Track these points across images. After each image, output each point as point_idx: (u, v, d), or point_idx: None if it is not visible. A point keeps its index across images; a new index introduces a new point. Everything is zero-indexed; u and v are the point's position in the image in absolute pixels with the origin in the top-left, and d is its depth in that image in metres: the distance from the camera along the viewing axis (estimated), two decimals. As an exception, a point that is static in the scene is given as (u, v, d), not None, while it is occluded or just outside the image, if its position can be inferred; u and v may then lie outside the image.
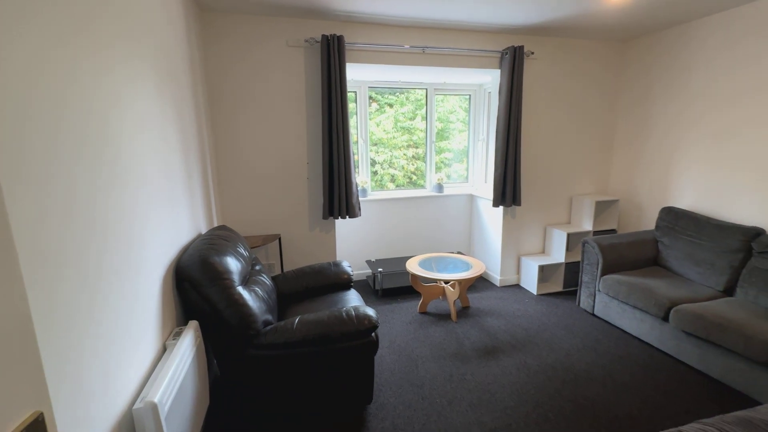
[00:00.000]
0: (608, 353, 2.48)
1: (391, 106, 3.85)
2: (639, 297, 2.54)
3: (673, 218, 2.91)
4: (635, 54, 3.41)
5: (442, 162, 4.05)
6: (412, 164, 3.98)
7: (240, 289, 1.75)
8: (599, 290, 2.89)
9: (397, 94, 3.82)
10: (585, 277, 3.03)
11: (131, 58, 1.42)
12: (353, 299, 2.31)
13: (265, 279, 2.17)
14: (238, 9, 2.60)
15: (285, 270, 3.13)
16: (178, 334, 1.62)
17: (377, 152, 3.85)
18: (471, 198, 4.00)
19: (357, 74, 3.36)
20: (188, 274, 1.69)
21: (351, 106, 3.60)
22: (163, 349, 1.55)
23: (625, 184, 3.63)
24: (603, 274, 2.87)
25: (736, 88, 2.67)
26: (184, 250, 1.87)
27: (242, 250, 2.08)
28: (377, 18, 2.80)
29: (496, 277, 3.66)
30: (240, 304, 1.69)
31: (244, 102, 2.82)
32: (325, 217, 3.01)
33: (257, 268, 2.26)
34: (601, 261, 2.85)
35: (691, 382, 2.18)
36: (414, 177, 4.01)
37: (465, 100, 3.99)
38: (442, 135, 4.00)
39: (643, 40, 3.32)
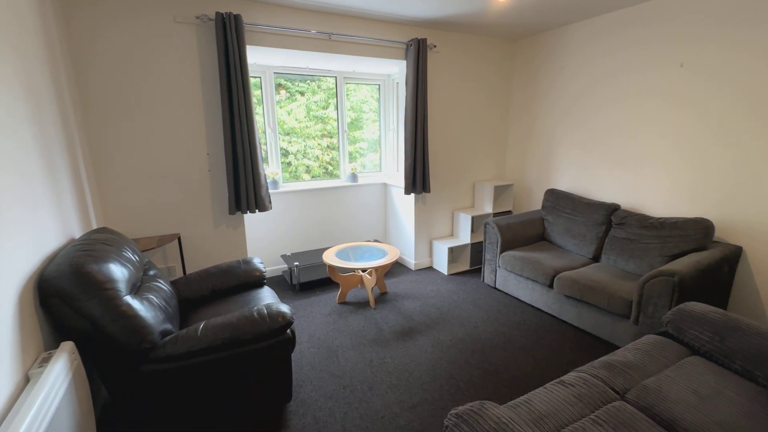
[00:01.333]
0: (508, 321, 2.78)
1: (302, 94, 3.71)
2: (530, 269, 2.89)
3: (555, 198, 3.35)
4: (523, 52, 3.80)
5: (357, 152, 4.06)
6: (328, 154, 3.90)
7: (128, 299, 1.54)
8: (499, 266, 3.22)
9: (308, 81, 3.69)
10: (487, 255, 3.34)
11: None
12: (267, 297, 2.20)
13: (162, 284, 1.94)
14: (107, -27, 2.22)
15: (188, 272, 2.84)
16: (46, 360, 1.35)
17: (290, 142, 3.68)
18: (384, 187, 4.10)
19: (261, 58, 3.15)
20: (57, 288, 1.42)
21: (256, 93, 3.37)
22: (26, 381, 1.29)
23: (518, 170, 4.06)
24: (502, 251, 3.19)
25: (599, 89, 3.16)
26: (51, 260, 1.57)
27: (130, 255, 1.82)
28: (279, -1, 2.64)
29: (411, 262, 3.83)
30: (128, 315, 1.48)
31: (123, 85, 2.44)
32: (231, 212, 2.79)
33: (151, 273, 2.01)
34: (499, 240, 3.17)
35: (571, 338, 2.56)
36: (330, 167, 3.94)
37: (376, 90, 4.03)
38: (355, 125, 3.99)
39: (529, 40, 3.71)
